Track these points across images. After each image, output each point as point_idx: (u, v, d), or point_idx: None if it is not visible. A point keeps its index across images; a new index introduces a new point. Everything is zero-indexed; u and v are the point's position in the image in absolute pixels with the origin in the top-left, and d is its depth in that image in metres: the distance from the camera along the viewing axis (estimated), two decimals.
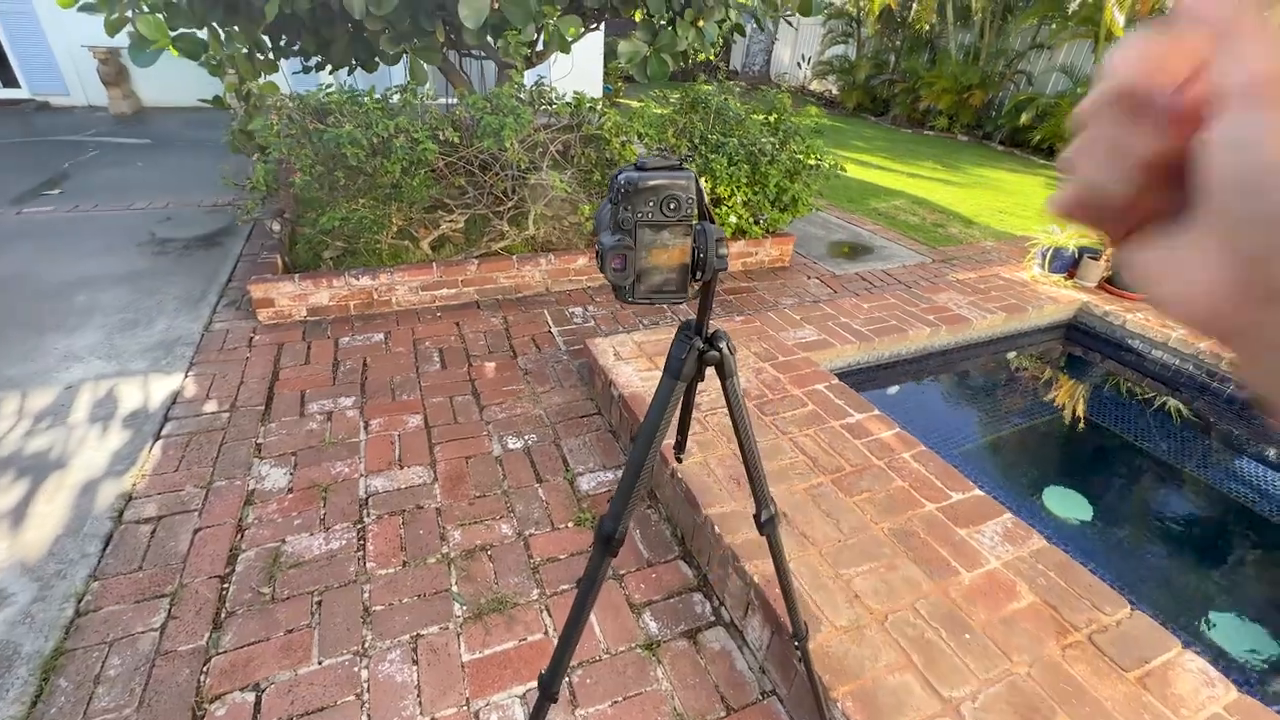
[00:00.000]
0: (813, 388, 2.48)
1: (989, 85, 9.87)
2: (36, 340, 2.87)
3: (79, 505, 2.00)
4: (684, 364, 0.81)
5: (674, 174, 0.68)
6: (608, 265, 0.69)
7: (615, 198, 0.68)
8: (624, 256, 0.68)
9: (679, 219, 0.69)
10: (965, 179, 7.48)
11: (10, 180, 5.02)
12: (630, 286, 0.71)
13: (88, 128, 6.89)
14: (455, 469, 2.27)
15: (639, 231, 0.69)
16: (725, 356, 0.83)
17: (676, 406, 0.82)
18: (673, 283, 0.72)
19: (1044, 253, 3.83)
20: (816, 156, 3.97)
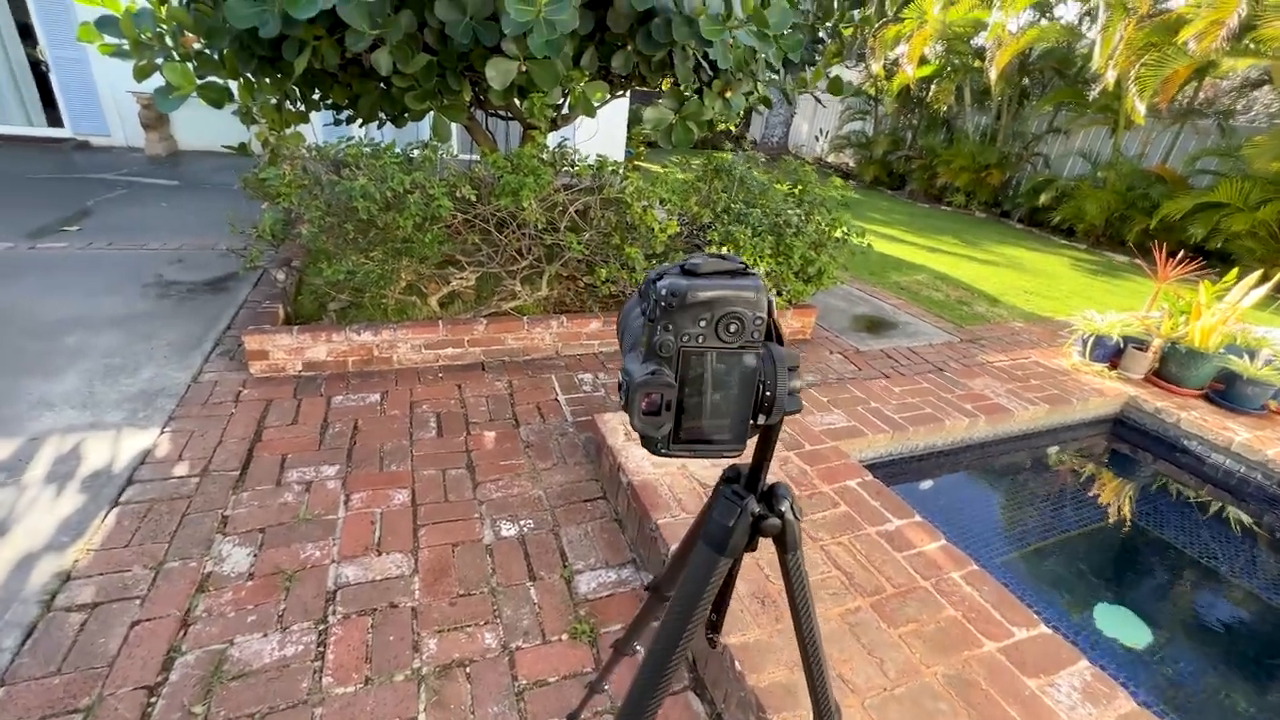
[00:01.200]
0: (844, 484, 2.22)
1: (1006, 165, 9.97)
2: (12, 382, 2.70)
3: (8, 585, 1.75)
4: (731, 534, 0.59)
5: (736, 282, 0.48)
6: (635, 407, 0.48)
7: (653, 312, 0.48)
8: (660, 397, 0.48)
9: (742, 344, 0.48)
10: (987, 256, 7.39)
11: (32, 214, 5.02)
12: (666, 437, 0.50)
13: (121, 167, 7.03)
14: (439, 559, 2.01)
15: (685, 362, 0.48)
16: (789, 523, 0.61)
17: (715, 591, 0.60)
18: (726, 430, 0.51)
19: (1084, 340, 3.62)
20: (844, 230, 3.85)
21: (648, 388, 0.47)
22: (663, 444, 0.51)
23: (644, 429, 0.49)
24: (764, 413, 0.52)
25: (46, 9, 7.39)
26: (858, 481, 2.25)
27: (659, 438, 0.50)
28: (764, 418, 0.52)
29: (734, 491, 0.61)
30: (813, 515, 2.05)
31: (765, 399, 0.51)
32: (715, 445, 0.52)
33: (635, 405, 0.48)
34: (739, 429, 0.52)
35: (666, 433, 0.50)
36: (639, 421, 0.48)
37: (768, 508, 0.61)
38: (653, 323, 0.48)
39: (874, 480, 2.27)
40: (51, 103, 7.91)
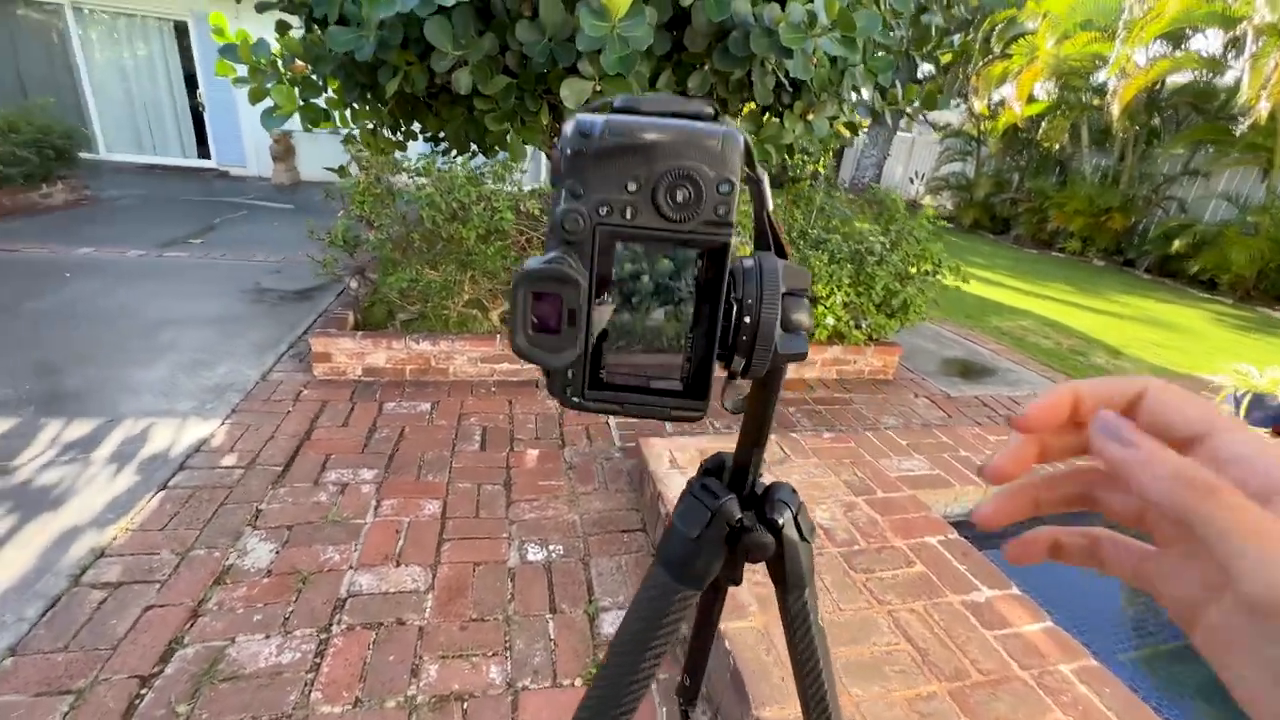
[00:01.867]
0: (922, 540, 1.88)
1: (1131, 209, 9.02)
2: (111, 370, 2.91)
3: (48, 555, 1.79)
4: (696, 552, 0.39)
5: (691, 125, 0.29)
6: (519, 315, 0.30)
7: (557, 168, 0.30)
8: (560, 302, 0.30)
9: (699, 226, 0.30)
10: (1108, 305, 6.59)
11: (169, 229, 5.64)
12: (575, 372, 0.32)
13: (249, 193, 7.84)
14: (458, 577, 1.87)
15: (604, 249, 0.30)
16: (790, 545, 0.40)
17: (668, 637, 0.39)
18: (673, 373, 0.32)
19: (1236, 398, 3.02)
20: (934, 262, 3.50)
21: (535, 282, 0.29)
22: (570, 386, 0.32)
23: (532, 354, 0.31)
24: (740, 352, 0.32)
25: (208, 59, 8.53)
26: (939, 539, 1.90)
27: (561, 374, 0.32)
28: (741, 361, 0.33)
29: (704, 488, 0.41)
30: (880, 573, 1.73)
31: (742, 328, 0.32)
32: (657, 398, 0.33)
33: (519, 312, 0.30)
34: (697, 372, 0.32)
35: (573, 366, 0.32)
36: (524, 341, 0.30)
37: (757, 517, 0.40)
38: (557, 184, 0.30)
39: (960, 539, 1.91)
40: (203, 139, 9.05)
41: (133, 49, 8.58)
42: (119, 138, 8.89)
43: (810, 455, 2.33)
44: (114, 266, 4.43)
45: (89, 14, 8.26)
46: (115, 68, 8.58)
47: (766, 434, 0.39)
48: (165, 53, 8.65)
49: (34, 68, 8.25)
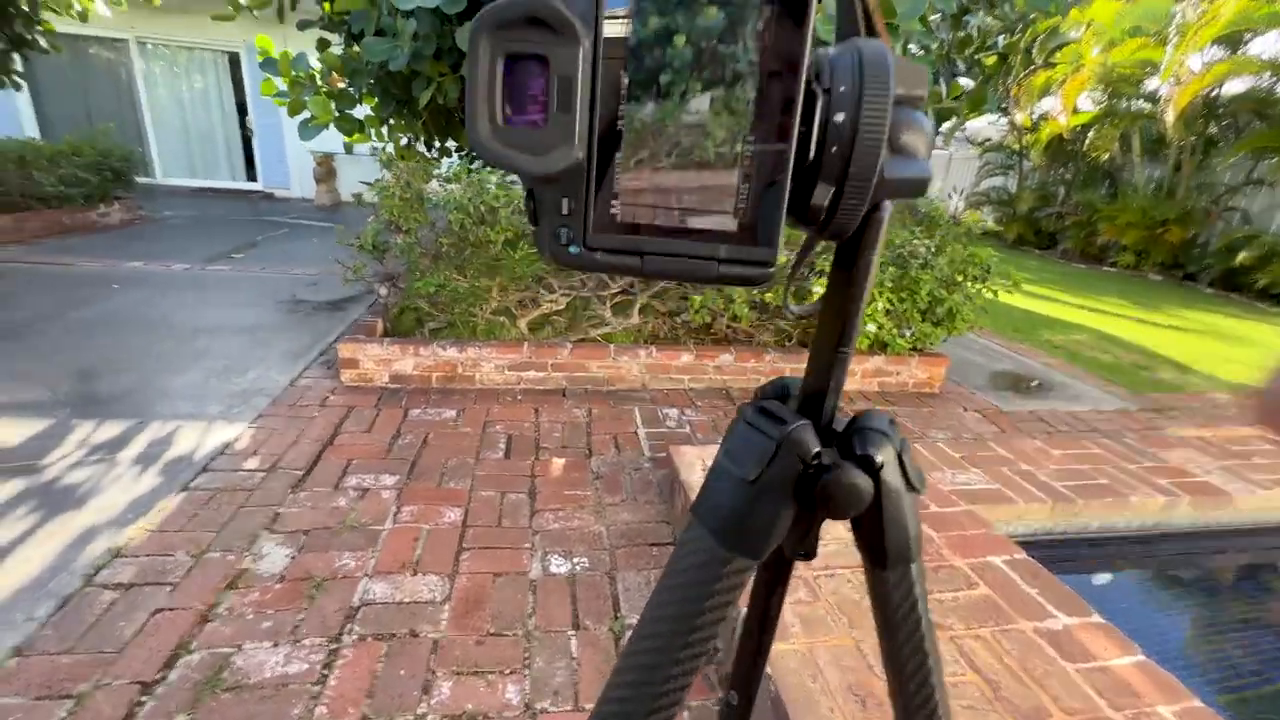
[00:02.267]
0: (985, 560, 1.69)
1: (1190, 221, 8.54)
2: (146, 374, 2.94)
3: (65, 554, 1.75)
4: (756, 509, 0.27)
5: None
6: (483, 92, 0.19)
7: None
8: (544, 68, 0.18)
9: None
10: (1169, 320, 6.20)
11: (215, 245, 5.82)
12: (574, 203, 0.21)
13: (291, 213, 8.10)
14: (477, 588, 1.76)
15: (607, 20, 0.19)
16: (892, 495, 0.27)
17: (723, 617, 0.27)
18: (724, 202, 0.21)
19: None
20: (983, 267, 3.31)
21: (506, 31, 0.19)
22: (568, 228, 0.21)
23: (502, 154, 0.20)
24: (828, 176, 0.21)
25: (257, 88, 8.92)
26: (1005, 559, 1.71)
27: (552, 208, 0.21)
28: (827, 191, 0.21)
29: (763, 411, 0.28)
30: (939, 594, 1.55)
31: (832, 133, 0.20)
32: (699, 245, 0.21)
33: (482, 82, 0.19)
34: (762, 202, 0.21)
35: (568, 186, 0.21)
36: (487, 131, 0.20)
37: (844, 454, 0.28)
38: None
39: (1028, 559, 1.71)
40: (251, 163, 9.44)
41: (190, 80, 9.06)
42: (173, 163, 9.35)
43: None
44: (159, 279, 4.57)
45: (152, 48, 8.77)
46: (173, 98, 9.06)
47: (855, 332, 0.27)
48: (219, 83, 9.10)
49: (101, 100, 8.77)
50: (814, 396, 0.28)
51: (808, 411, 0.29)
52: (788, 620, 1.38)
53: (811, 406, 0.29)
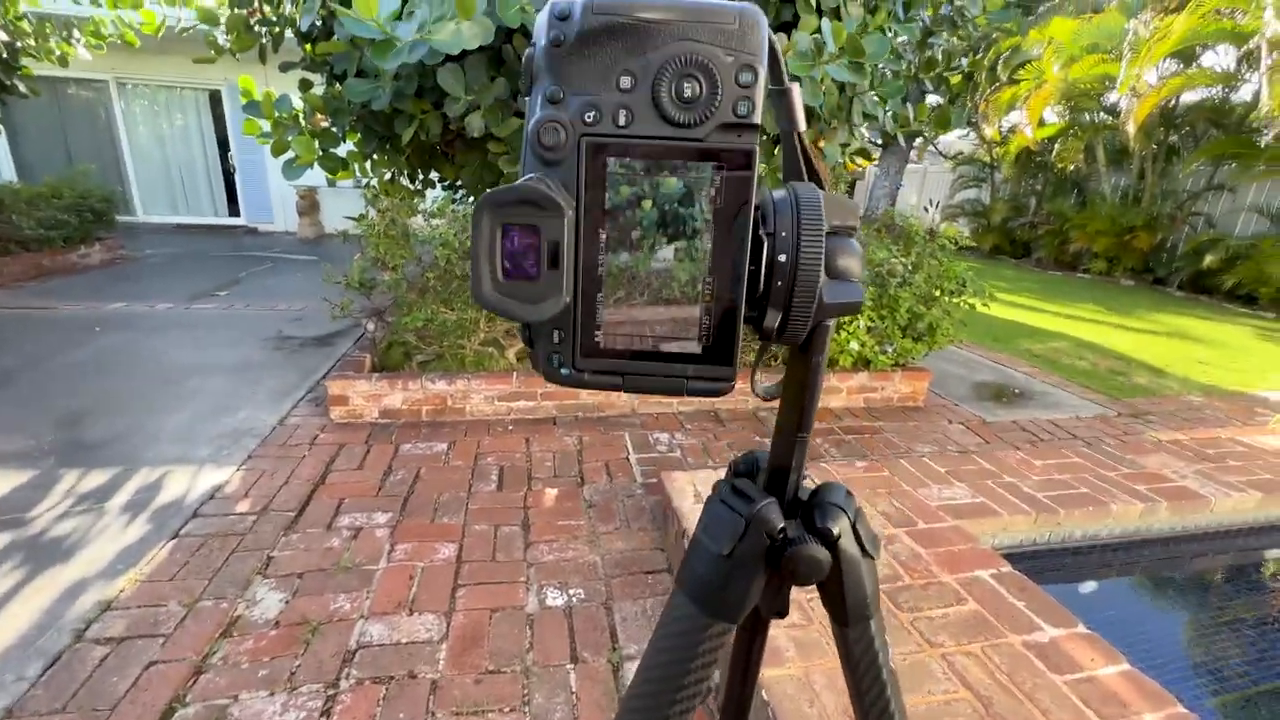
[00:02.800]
0: (972, 574, 1.73)
1: (1157, 227, 8.82)
2: (134, 418, 2.92)
3: (54, 609, 1.73)
4: (731, 579, 0.31)
5: (693, 4, 0.23)
6: (485, 254, 0.23)
7: (531, 64, 0.24)
8: (538, 235, 0.23)
9: (714, 130, 0.23)
10: (1143, 324, 6.37)
11: (198, 283, 5.80)
12: (563, 335, 0.25)
13: (275, 247, 8.09)
14: (474, 625, 1.76)
15: (593, 165, 0.23)
16: (849, 561, 0.31)
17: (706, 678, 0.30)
18: (689, 330, 0.25)
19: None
20: (958, 281, 3.41)
21: (504, 209, 0.23)
22: (558, 355, 0.25)
23: (503, 305, 0.24)
24: (775, 304, 0.25)
25: (239, 124, 8.96)
26: (991, 573, 1.75)
27: (546, 338, 0.25)
28: (776, 316, 0.25)
29: (735, 490, 0.32)
30: (929, 611, 1.58)
31: (777, 271, 0.25)
32: (670, 365, 0.25)
33: (484, 249, 0.23)
34: (720, 329, 0.25)
35: (560, 324, 0.25)
36: (490, 288, 0.23)
37: (805, 526, 0.32)
38: (530, 91, 0.24)
39: (1014, 573, 1.75)
40: (234, 198, 9.44)
41: (170, 118, 9.08)
42: (155, 200, 9.32)
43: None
44: (143, 320, 4.54)
45: (132, 88, 8.80)
46: (154, 136, 9.07)
47: (811, 418, 0.31)
48: (200, 120, 9.14)
49: (80, 139, 8.76)
50: (778, 474, 0.32)
51: (774, 487, 0.33)
52: (782, 645, 1.40)
53: (776, 483, 0.33)
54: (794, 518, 0.33)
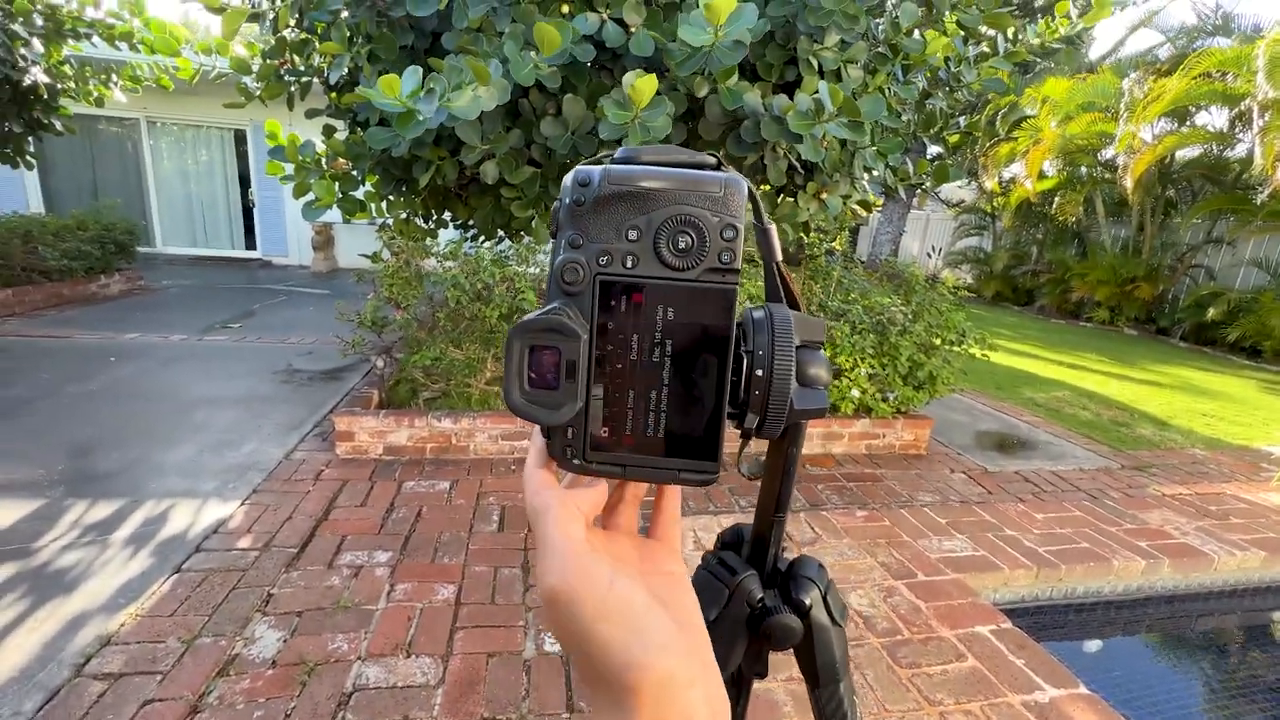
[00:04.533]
0: (972, 630, 1.72)
1: (1158, 278, 8.93)
2: (142, 450, 2.96)
3: (54, 643, 1.74)
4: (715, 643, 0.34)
5: (691, 173, 0.29)
6: (515, 369, 0.28)
7: (556, 219, 0.30)
8: (559, 355, 0.28)
9: (704, 273, 0.28)
10: (1146, 375, 6.38)
11: (210, 314, 5.93)
12: (575, 432, 0.30)
13: (289, 280, 8.27)
14: (471, 669, 1.75)
15: (605, 300, 0.29)
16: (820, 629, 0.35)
17: None
18: (680, 431, 0.30)
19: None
20: (958, 332, 3.46)
21: (532, 334, 0.28)
22: (570, 447, 0.30)
23: (529, 410, 0.28)
24: (753, 409, 0.30)
25: (261, 162, 9.31)
26: (991, 629, 1.74)
27: (561, 433, 0.30)
28: (754, 419, 0.30)
29: (720, 562, 0.36)
30: (927, 668, 1.58)
31: (754, 382, 0.30)
32: (663, 459, 0.30)
33: (514, 366, 0.28)
34: (706, 431, 0.30)
35: (573, 424, 0.29)
36: (519, 397, 0.28)
37: (781, 596, 0.36)
38: (556, 237, 0.29)
39: (1015, 629, 1.75)
40: (251, 232, 9.71)
41: (196, 155, 9.43)
42: (175, 232, 9.59)
43: (843, 535, 2.20)
44: (157, 351, 4.63)
45: (161, 126, 9.17)
46: (178, 171, 9.41)
47: (787, 501, 0.35)
48: (224, 157, 9.48)
49: (108, 173, 9.08)
50: (759, 549, 0.37)
51: (755, 560, 0.37)
52: (779, 699, 1.39)
53: (757, 556, 0.37)
54: (772, 588, 0.37)
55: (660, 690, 0.26)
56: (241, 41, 3.82)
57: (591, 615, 0.27)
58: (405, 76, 1.58)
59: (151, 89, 6.14)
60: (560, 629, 0.28)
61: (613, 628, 0.27)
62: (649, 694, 0.26)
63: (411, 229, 4.11)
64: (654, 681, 0.26)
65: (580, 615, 0.27)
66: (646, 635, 0.27)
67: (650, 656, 0.26)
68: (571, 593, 0.27)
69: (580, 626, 0.27)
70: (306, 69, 3.99)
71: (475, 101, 2.32)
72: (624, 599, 0.28)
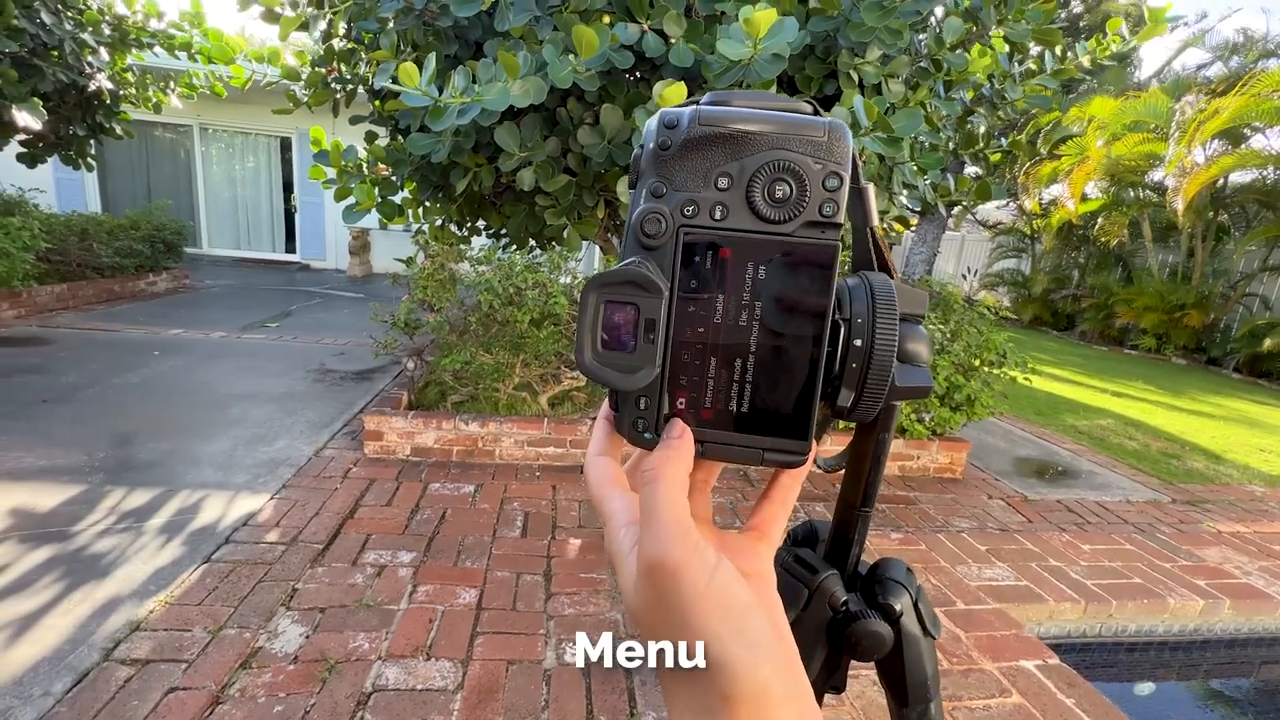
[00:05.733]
0: (1017, 664, 1.63)
1: (1208, 306, 8.55)
2: (179, 442, 3.03)
3: (86, 625, 1.76)
4: None
5: (790, 115, 0.26)
6: (589, 330, 0.25)
7: (639, 167, 0.27)
8: (635, 311, 0.25)
9: (803, 226, 0.25)
10: (1196, 405, 6.10)
11: (249, 313, 6.10)
12: (649, 402, 0.27)
13: (325, 284, 8.48)
14: (490, 676, 1.72)
15: (689, 257, 0.26)
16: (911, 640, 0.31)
17: None
18: (771, 403, 0.26)
19: None
20: (998, 353, 3.35)
21: (609, 288, 0.25)
22: (643, 419, 0.27)
23: (602, 373, 0.25)
24: (849, 384, 0.26)
25: (304, 168, 9.61)
26: (1037, 664, 1.64)
27: (632, 405, 0.27)
28: (849, 395, 0.27)
29: (797, 559, 0.33)
30: (969, 702, 1.49)
31: (851, 354, 0.26)
32: (746, 437, 0.27)
33: (588, 323, 0.25)
34: (797, 406, 0.26)
35: (647, 394, 0.26)
36: (592, 357, 0.25)
37: (867, 599, 0.32)
38: (635, 187, 0.27)
39: (1062, 665, 1.64)
40: (292, 236, 10.01)
41: (243, 161, 9.79)
42: (220, 234, 9.95)
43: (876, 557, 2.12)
44: (198, 346, 4.77)
45: (212, 133, 9.56)
46: (226, 176, 9.78)
47: (874, 494, 0.32)
48: (270, 164, 9.83)
49: (160, 176, 9.49)
50: (840, 547, 0.33)
51: (834, 559, 0.33)
52: None
53: (838, 555, 0.33)
54: (854, 591, 0.33)
55: (756, 702, 0.23)
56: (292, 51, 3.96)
57: (692, 597, 0.24)
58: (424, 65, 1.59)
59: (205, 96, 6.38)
60: (652, 609, 0.25)
61: (713, 619, 0.24)
62: (744, 706, 0.23)
63: (446, 235, 4.17)
64: (750, 692, 0.23)
65: (681, 595, 0.24)
66: (746, 635, 0.24)
67: (749, 661, 0.23)
68: (678, 568, 0.24)
69: (679, 607, 0.24)
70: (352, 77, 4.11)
71: (503, 94, 2.35)
72: (727, 590, 0.24)
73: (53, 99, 4.52)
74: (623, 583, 0.27)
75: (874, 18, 2.30)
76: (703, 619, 0.24)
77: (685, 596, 0.24)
